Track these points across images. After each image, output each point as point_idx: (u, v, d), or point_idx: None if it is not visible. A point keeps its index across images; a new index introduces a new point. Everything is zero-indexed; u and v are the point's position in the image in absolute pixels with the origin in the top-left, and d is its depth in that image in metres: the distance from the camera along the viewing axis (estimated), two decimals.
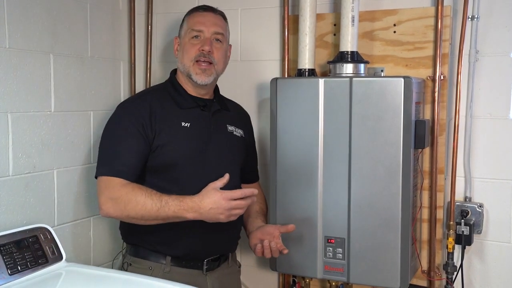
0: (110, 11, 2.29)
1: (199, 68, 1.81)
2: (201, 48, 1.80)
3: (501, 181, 1.96)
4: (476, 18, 1.95)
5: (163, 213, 1.65)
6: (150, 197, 1.66)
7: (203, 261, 1.82)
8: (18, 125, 1.82)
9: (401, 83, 1.75)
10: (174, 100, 1.85)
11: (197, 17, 1.86)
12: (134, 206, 1.67)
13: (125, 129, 1.77)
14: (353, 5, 1.90)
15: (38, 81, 1.90)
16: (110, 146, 1.79)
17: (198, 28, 1.82)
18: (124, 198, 1.68)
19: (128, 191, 1.69)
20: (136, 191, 1.69)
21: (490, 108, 1.97)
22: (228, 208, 1.64)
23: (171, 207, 1.65)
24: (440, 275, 2.01)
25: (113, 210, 1.71)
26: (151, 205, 1.65)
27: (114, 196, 1.70)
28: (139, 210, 1.67)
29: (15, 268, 1.61)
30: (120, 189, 1.70)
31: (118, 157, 1.75)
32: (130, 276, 1.68)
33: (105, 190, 1.73)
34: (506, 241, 1.97)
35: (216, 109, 1.89)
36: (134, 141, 1.75)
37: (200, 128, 1.83)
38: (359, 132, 1.80)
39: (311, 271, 1.92)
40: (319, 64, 2.09)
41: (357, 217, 1.83)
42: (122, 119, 1.81)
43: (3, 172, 1.77)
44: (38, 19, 1.90)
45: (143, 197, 1.67)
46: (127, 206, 1.68)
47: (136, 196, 1.67)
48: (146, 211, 1.66)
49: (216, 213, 1.64)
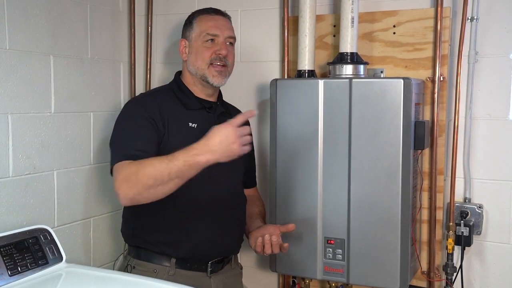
0: (110, 12, 2.29)
1: (216, 70, 1.82)
2: (217, 52, 1.82)
3: (500, 182, 1.96)
4: (475, 19, 1.95)
5: (174, 167, 1.55)
6: (157, 158, 1.61)
7: (208, 263, 1.81)
8: (18, 126, 1.83)
9: (401, 84, 1.75)
10: (180, 101, 1.85)
11: (210, 21, 1.86)
12: (144, 172, 1.58)
13: (137, 121, 1.75)
14: (353, 6, 1.90)
15: (38, 82, 1.90)
16: (122, 138, 1.76)
17: (213, 32, 1.83)
18: (133, 170, 1.60)
19: (135, 163, 1.62)
20: (142, 160, 1.62)
21: (490, 109, 1.97)
22: (238, 135, 1.55)
23: (180, 157, 1.55)
24: (440, 276, 2.01)
25: (128, 188, 1.60)
26: (159, 163, 1.57)
27: (124, 174, 1.62)
28: (149, 173, 1.57)
29: (15, 269, 1.61)
30: (129, 166, 1.63)
31: (130, 144, 1.71)
32: (130, 277, 1.68)
33: (117, 175, 1.64)
34: (505, 242, 1.97)
35: (221, 112, 1.90)
36: (146, 130, 1.73)
37: (206, 129, 1.79)
38: (359, 133, 1.81)
39: (311, 272, 1.92)
40: (319, 65, 2.09)
41: (357, 218, 1.83)
42: (134, 113, 1.79)
43: (3, 173, 1.78)
44: (38, 21, 1.90)
45: (149, 160, 1.60)
46: (138, 176, 1.59)
47: (142, 163, 1.60)
48: (157, 171, 1.56)
49: (228, 144, 1.54)
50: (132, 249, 1.85)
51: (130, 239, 1.87)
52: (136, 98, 1.96)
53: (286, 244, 1.81)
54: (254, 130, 2.23)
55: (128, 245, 1.89)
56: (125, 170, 1.63)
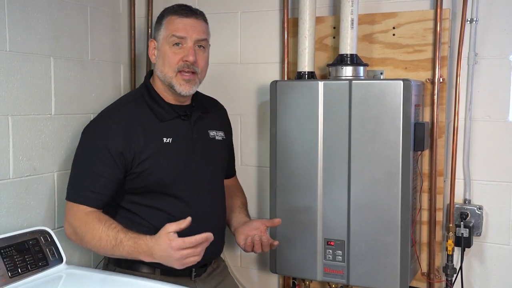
0: (110, 14, 2.30)
1: (183, 79, 1.71)
2: (184, 58, 1.70)
3: (500, 183, 1.96)
4: (475, 21, 1.95)
5: (117, 252, 1.61)
6: (106, 233, 1.61)
7: (191, 269, 1.77)
8: (19, 128, 1.83)
9: (401, 85, 1.76)
10: (152, 111, 1.74)
11: (178, 22, 1.72)
12: (90, 240, 1.64)
13: (97, 155, 1.68)
14: (353, 8, 1.90)
15: (38, 84, 1.91)
16: (80, 174, 1.72)
17: (179, 35, 1.70)
18: (82, 229, 1.66)
19: (88, 221, 1.65)
20: (95, 223, 1.63)
21: (489, 111, 1.97)
22: (179, 258, 1.52)
23: (125, 247, 1.59)
24: (440, 277, 2.01)
25: (74, 238, 1.70)
26: (106, 242, 1.61)
27: (74, 224, 1.68)
28: (94, 245, 1.64)
29: (15, 271, 1.61)
30: (80, 219, 1.67)
31: (85, 182, 1.69)
32: (130, 279, 1.68)
33: (68, 216, 1.71)
34: (505, 244, 1.97)
35: (197, 116, 1.81)
36: (104, 167, 1.67)
37: (182, 140, 1.76)
38: (359, 135, 1.81)
39: (311, 273, 1.92)
40: (319, 67, 2.10)
41: (356, 219, 1.83)
42: (94, 145, 1.70)
43: (4, 175, 1.78)
44: (38, 22, 1.90)
45: (99, 231, 1.62)
46: (84, 238, 1.66)
47: (93, 229, 1.63)
48: (101, 247, 1.63)
49: (168, 262, 1.55)
50: (113, 257, 1.78)
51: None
52: (95, 124, 1.77)
53: (276, 242, 1.78)
54: (254, 131, 2.24)
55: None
56: (75, 219, 1.68)
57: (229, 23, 2.22)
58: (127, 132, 1.69)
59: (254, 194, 2.25)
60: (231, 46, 2.24)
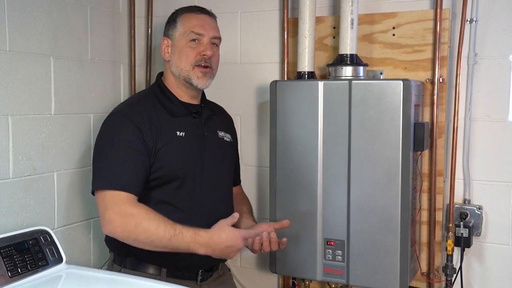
0: (110, 14, 2.30)
1: (200, 72, 1.76)
2: (202, 52, 1.75)
3: (500, 183, 1.97)
4: (474, 21, 1.96)
5: (175, 243, 1.56)
6: (164, 223, 1.57)
7: (198, 272, 1.78)
8: (19, 128, 1.83)
9: (400, 85, 1.76)
10: (165, 107, 1.77)
11: (195, 20, 1.79)
12: (146, 230, 1.57)
13: (126, 139, 1.67)
14: (352, 8, 1.91)
15: (38, 84, 1.91)
16: (112, 158, 1.68)
17: (198, 31, 1.76)
18: (136, 218, 1.58)
19: (141, 211, 1.59)
20: (149, 213, 1.58)
21: (489, 111, 1.97)
22: (241, 248, 1.63)
23: (186, 238, 1.57)
24: (440, 277, 2.01)
25: (120, 229, 1.60)
26: (164, 232, 1.56)
27: (126, 213, 1.59)
28: (150, 235, 1.57)
29: (15, 270, 1.61)
30: (132, 207, 1.60)
31: (123, 170, 1.65)
32: (130, 278, 1.68)
33: (113, 206, 1.60)
34: (505, 243, 1.97)
35: (207, 115, 1.85)
36: (137, 153, 1.66)
37: (194, 136, 1.79)
38: (359, 135, 1.81)
39: (311, 273, 1.92)
40: (319, 67, 2.10)
41: (356, 219, 1.83)
42: (123, 128, 1.70)
43: (4, 175, 1.78)
44: (38, 22, 1.90)
45: (156, 221, 1.57)
46: (137, 228, 1.57)
47: (149, 219, 1.57)
48: (158, 238, 1.56)
49: (231, 251, 1.61)
50: (118, 257, 1.79)
51: (117, 248, 1.77)
52: (121, 109, 1.78)
53: (285, 239, 1.76)
54: (254, 131, 2.24)
55: (114, 254, 1.82)
56: (125, 208, 1.60)
57: (229, 23, 2.22)
58: (148, 122, 1.71)
59: (254, 194, 2.25)
60: (231, 46, 2.24)
